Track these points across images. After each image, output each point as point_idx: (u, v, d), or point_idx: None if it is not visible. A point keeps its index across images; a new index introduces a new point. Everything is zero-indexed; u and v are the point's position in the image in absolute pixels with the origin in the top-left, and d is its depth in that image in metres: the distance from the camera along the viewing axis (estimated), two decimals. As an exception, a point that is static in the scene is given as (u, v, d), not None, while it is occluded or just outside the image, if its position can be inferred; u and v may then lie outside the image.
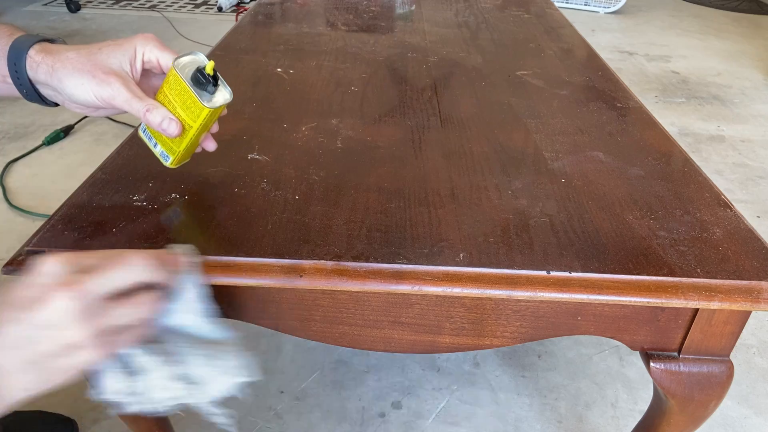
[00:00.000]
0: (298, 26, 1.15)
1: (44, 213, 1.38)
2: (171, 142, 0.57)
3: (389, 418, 0.93)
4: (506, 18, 1.24)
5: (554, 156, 0.69)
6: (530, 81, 0.91)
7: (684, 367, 0.57)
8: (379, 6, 1.31)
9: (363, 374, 1.00)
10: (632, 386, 0.99)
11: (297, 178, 0.63)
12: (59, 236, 0.53)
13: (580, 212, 0.59)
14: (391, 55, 1.00)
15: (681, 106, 2.07)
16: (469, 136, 0.73)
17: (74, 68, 0.51)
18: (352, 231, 0.55)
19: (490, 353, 1.05)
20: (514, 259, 0.52)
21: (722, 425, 0.93)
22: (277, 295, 0.55)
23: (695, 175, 0.66)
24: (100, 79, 0.51)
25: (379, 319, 0.56)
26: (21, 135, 1.74)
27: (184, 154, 0.59)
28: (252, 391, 0.96)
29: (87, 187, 0.60)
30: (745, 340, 1.10)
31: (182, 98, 0.53)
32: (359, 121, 0.76)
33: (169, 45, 0.54)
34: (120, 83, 0.51)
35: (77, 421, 0.89)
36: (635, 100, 0.85)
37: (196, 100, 0.52)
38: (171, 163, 0.59)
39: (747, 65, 2.46)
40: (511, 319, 0.55)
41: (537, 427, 0.92)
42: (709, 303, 0.50)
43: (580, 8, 3.20)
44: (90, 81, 0.51)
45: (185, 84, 0.52)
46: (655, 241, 0.55)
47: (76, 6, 2.90)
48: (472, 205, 0.59)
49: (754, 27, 2.98)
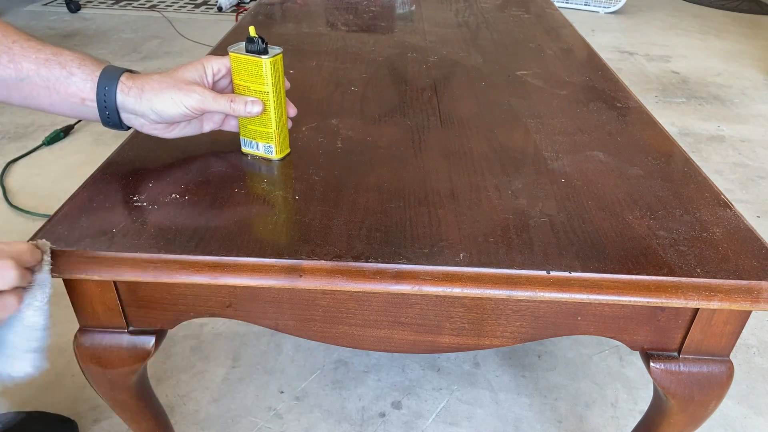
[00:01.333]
0: (298, 26, 1.15)
1: (44, 213, 1.38)
2: (264, 127, 0.64)
3: (389, 418, 0.93)
4: (506, 18, 1.24)
5: (554, 156, 0.69)
6: (530, 81, 0.91)
7: (684, 367, 0.57)
8: (379, 6, 1.31)
9: (363, 374, 1.00)
10: (632, 386, 0.99)
11: (297, 178, 0.63)
12: (59, 236, 0.53)
13: (580, 212, 0.59)
14: (391, 55, 1.00)
15: (681, 106, 2.07)
16: (469, 136, 0.73)
17: (161, 88, 0.59)
18: (352, 231, 0.55)
19: (490, 353, 1.05)
20: (514, 259, 0.52)
21: (722, 425, 0.93)
22: (277, 295, 0.55)
23: (695, 175, 0.66)
24: (185, 90, 0.59)
25: (379, 319, 0.56)
26: (21, 135, 1.74)
27: (280, 135, 0.65)
28: (252, 391, 0.96)
29: (87, 187, 0.60)
30: (745, 340, 1.10)
31: (247, 70, 0.62)
32: (359, 121, 0.76)
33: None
34: (202, 89, 0.60)
35: (77, 421, 0.89)
36: (635, 100, 0.85)
37: (257, 60, 0.60)
38: (276, 152, 0.66)
39: (747, 65, 2.46)
40: (511, 319, 0.55)
41: (537, 427, 0.92)
42: (709, 303, 0.50)
43: (580, 8, 3.20)
44: (177, 93, 0.59)
45: (242, 55, 0.61)
46: (655, 240, 0.55)
47: (76, 6, 2.90)
48: (472, 205, 0.59)
49: (754, 27, 2.99)
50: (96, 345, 0.59)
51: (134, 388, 0.63)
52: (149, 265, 0.51)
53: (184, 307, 0.57)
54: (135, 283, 0.55)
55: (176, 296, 0.56)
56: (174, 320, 0.58)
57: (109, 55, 2.32)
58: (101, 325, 0.58)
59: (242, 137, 0.67)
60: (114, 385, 0.62)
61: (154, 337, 0.59)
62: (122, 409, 0.66)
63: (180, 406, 0.93)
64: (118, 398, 0.64)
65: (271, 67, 0.61)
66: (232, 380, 0.98)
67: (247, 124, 0.66)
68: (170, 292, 0.56)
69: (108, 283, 0.55)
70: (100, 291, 0.55)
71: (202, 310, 0.57)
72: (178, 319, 0.58)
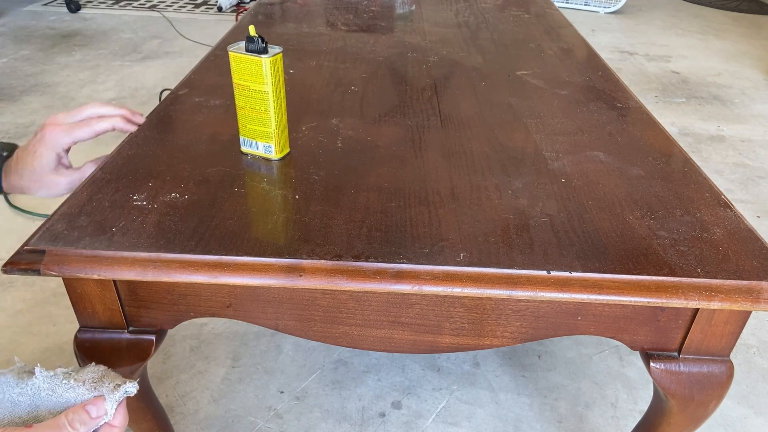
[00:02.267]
0: (298, 26, 1.15)
1: (44, 213, 1.38)
2: (264, 127, 0.64)
3: (389, 418, 0.93)
4: (506, 18, 1.24)
5: (554, 156, 0.69)
6: (530, 81, 0.91)
7: (684, 367, 0.57)
8: (379, 6, 1.31)
9: (363, 374, 1.00)
10: (632, 386, 0.99)
11: (297, 177, 0.63)
12: (59, 236, 0.53)
13: (580, 212, 0.59)
14: (391, 55, 1.00)
15: (681, 106, 2.07)
16: (469, 135, 0.73)
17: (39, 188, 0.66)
18: (352, 230, 0.55)
19: (490, 353, 1.05)
20: (515, 259, 0.52)
21: (722, 425, 0.93)
22: (277, 294, 0.55)
23: (695, 175, 0.66)
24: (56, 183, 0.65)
25: (379, 319, 0.56)
26: (21, 135, 1.74)
27: (280, 135, 0.65)
28: (252, 391, 0.96)
29: (87, 186, 0.60)
30: (745, 340, 1.10)
31: (247, 69, 0.62)
32: (359, 121, 0.76)
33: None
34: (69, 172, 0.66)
35: (77, 421, 0.89)
36: (635, 100, 0.85)
37: (256, 59, 0.61)
38: (275, 152, 0.66)
39: (747, 65, 2.46)
40: (511, 319, 0.55)
41: (537, 427, 0.92)
42: (709, 303, 0.50)
43: (580, 8, 3.20)
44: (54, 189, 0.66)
45: (242, 54, 0.61)
46: (655, 241, 0.55)
47: (76, 6, 2.90)
48: (472, 205, 0.59)
49: (754, 27, 2.98)
50: (96, 345, 0.58)
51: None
52: (149, 265, 0.51)
53: (184, 307, 0.57)
54: (135, 282, 0.55)
55: (176, 296, 0.56)
56: (174, 320, 0.58)
57: (109, 55, 2.32)
58: (101, 325, 0.58)
59: (242, 137, 0.67)
60: (114, 384, 0.62)
61: (154, 337, 0.59)
62: (122, 408, 0.66)
63: (180, 406, 0.93)
64: (117, 398, 0.64)
65: (271, 67, 0.61)
66: (232, 380, 0.98)
67: (246, 124, 0.66)
68: (170, 292, 0.56)
69: (108, 283, 0.55)
70: (100, 291, 0.55)
71: (202, 310, 0.57)
72: (178, 319, 0.58)
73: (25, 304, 1.11)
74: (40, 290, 1.15)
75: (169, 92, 0.83)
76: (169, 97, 0.81)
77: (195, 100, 0.80)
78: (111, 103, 0.69)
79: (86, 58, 2.30)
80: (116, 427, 0.49)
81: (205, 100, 0.80)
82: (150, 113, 0.76)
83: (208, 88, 0.84)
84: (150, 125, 0.73)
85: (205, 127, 0.73)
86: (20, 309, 1.10)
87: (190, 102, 0.80)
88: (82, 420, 0.46)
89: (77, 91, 2.01)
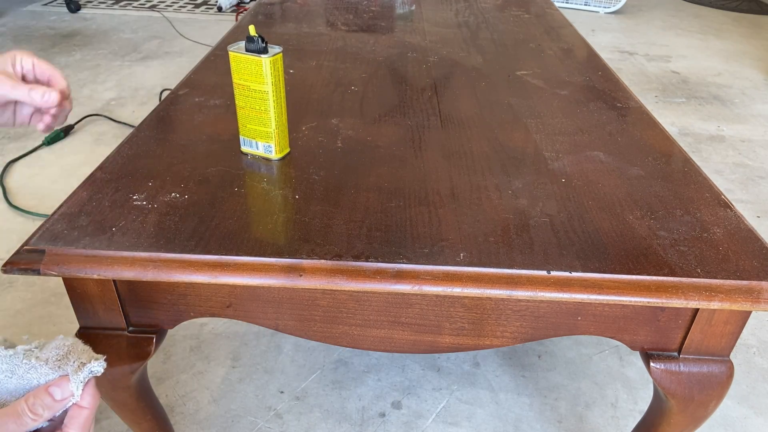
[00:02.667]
0: (298, 26, 1.15)
1: (44, 213, 1.38)
2: (264, 126, 0.64)
3: (389, 418, 0.93)
4: (506, 18, 1.24)
5: (554, 156, 0.69)
6: (530, 81, 0.91)
7: (684, 367, 0.57)
8: (379, 6, 1.31)
9: (363, 374, 1.00)
10: (632, 386, 0.99)
11: (297, 177, 0.63)
12: (59, 235, 0.53)
13: (580, 212, 0.59)
14: (391, 55, 1.00)
15: (681, 106, 2.07)
16: (469, 135, 0.73)
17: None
18: (352, 230, 0.55)
19: (490, 353, 1.05)
20: (515, 259, 0.52)
21: (722, 425, 0.93)
22: (277, 294, 0.55)
23: (695, 175, 0.66)
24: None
25: (379, 319, 0.56)
26: (21, 135, 1.74)
27: (280, 135, 0.65)
28: (252, 391, 0.96)
29: (87, 186, 0.60)
30: (745, 340, 1.10)
31: (247, 69, 0.62)
32: (359, 121, 0.76)
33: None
34: (4, 76, 0.60)
35: (77, 421, 0.89)
36: (635, 100, 0.85)
37: (256, 59, 0.61)
38: (275, 151, 0.66)
39: (747, 65, 2.46)
40: (511, 319, 0.55)
41: (537, 427, 0.92)
42: (709, 303, 0.50)
43: (580, 8, 3.20)
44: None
45: (242, 54, 0.61)
46: (655, 241, 0.55)
47: (76, 6, 2.90)
48: (472, 205, 0.59)
49: (754, 27, 2.98)
50: (96, 345, 0.58)
51: (134, 387, 0.63)
52: (149, 264, 0.51)
53: (184, 307, 0.57)
54: (135, 282, 0.55)
55: (176, 296, 0.56)
56: (174, 320, 0.58)
57: (109, 54, 2.32)
58: (101, 325, 0.58)
59: (242, 136, 0.67)
60: (114, 384, 0.62)
61: (154, 337, 0.59)
62: (122, 408, 0.66)
63: (180, 406, 0.93)
64: (118, 398, 0.64)
65: (271, 67, 0.61)
66: (232, 380, 0.98)
67: (246, 124, 0.66)
68: (170, 292, 0.56)
69: (108, 283, 0.55)
70: (100, 290, 0.55)
71: (202, 310, 0.57)
72: (178, 319, 0.58)
73: (25, 304, 1.11)
74: (40, 290, 1.15)
75: (169, 92, 0.83)
76: (169, 97, 0.81)
77: (195, 99, 0.80)
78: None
79: (86, 58, 2.30)
80: (86, 408, 0.44)
81: (205, 100, 0.80)
82: (150, 113, 0.76)
83: (208, 88, 0.84)
84: (150, 125, 0.73)
85: (205, 127, 0.73)
86: (20, 309, 1.10)
87: (190, 102, 0.80)
88: (45, 404, 0.43)
89: (77, 91, 2.01)
